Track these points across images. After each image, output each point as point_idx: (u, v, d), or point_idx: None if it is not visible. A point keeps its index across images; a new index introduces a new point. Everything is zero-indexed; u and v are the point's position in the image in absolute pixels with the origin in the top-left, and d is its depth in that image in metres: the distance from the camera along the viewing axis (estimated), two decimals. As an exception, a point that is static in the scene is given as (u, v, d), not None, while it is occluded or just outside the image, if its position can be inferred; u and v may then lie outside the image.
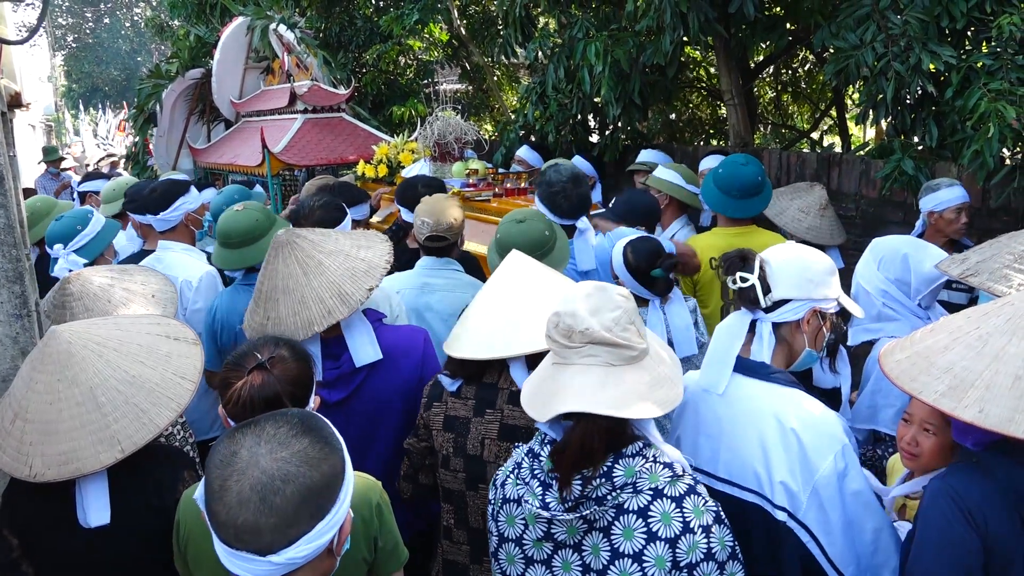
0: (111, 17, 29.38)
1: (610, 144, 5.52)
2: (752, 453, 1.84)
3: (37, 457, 1.81)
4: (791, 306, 1.92)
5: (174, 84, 8.06)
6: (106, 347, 1.94)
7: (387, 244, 2.40)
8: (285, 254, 2.28)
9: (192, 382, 1.97)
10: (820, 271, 1.95)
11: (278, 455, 1.26)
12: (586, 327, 1.61)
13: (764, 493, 1.81)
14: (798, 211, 3.99)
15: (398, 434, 2.33)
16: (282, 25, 7.04)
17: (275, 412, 1.38)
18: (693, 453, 1.96)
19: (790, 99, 7.56)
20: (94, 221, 3.63)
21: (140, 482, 1.91)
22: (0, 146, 2.28)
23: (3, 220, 2.29)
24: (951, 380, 1.57)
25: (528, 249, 2.71)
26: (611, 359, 1.61)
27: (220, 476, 1.25)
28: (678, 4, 4.26)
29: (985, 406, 1.50)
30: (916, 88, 3.67)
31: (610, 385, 1.59)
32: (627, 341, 1.61)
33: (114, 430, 1.82)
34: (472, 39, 8.41)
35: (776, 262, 1.96)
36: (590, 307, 1.63)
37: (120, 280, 2.69)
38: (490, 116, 9.67)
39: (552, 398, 1.62)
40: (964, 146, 3.49)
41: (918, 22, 3.63)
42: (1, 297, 2.32)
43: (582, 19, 5.15)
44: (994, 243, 2.37)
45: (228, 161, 6.83)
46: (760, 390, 1.88)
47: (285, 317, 2.18)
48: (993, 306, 1.66)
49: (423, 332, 2.42)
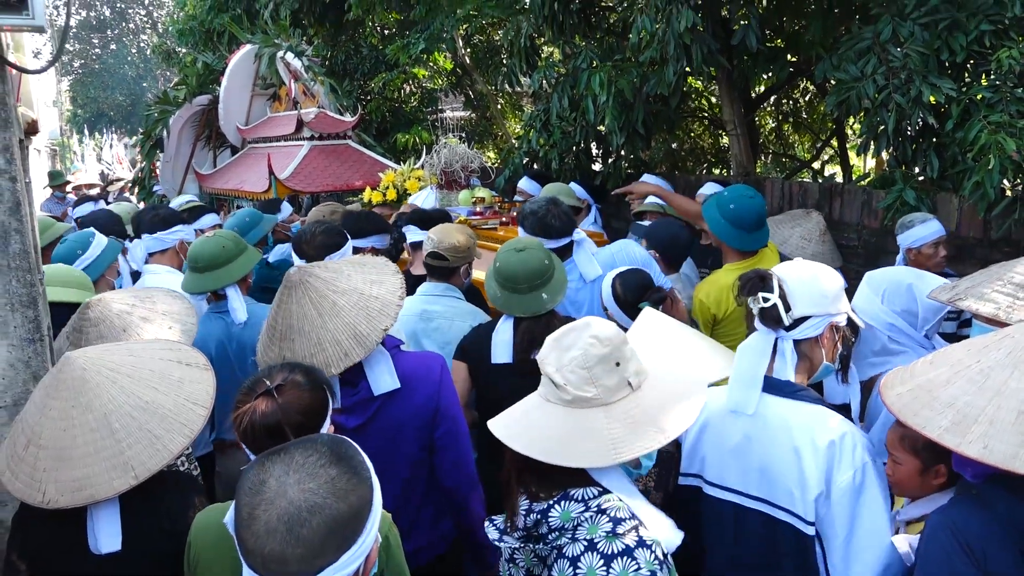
0: (118, 43, 29.67)
1: (613, 172, 5.58)
2: (786, 471, 1.87)
3: (51, 483, 1.81)
4: (811, 322, 1.97)
5: (181, 110, 8.14)
6: (120, 373, 1.96)
7: (398, 277, 2.40)
8: (299, 294, 2.27)
9: (204, 408, 1.98)
10: (834, 287, 2.00)
11: (306, 485, 1.27)
12: (543, 359, 1.67)
13: (796, 511, 1.85)
14: (800, 239, 4.04)
15: (413, 460, 2.35)
16: (289, 53, 7.12)
17: (305, 439, 1.38)
18: (720, 472, 2.00)
19: (791, 129, 7.64)
20: (95, 244, 3.72)
21: (151, 507, 1.91)
22: (18, 172, 2.31)
23: (19, 245, 2.32)
24: (954, 415, 1.58)
25: (528, 278, 2.75)
26: (549, 395, 1.66)
27: (249, 504, 1.26)
28: (681, 36, 4.32)
29: (989, 442, 1.51)
30: (917, 120, 3.72)
31: (537, 421, 1.64)
32: (564, 383, 1.62)
33: (128, 456, 1.83)
34: (476, 68, 8.51)
35: (793, 280, 2.00)
36: (563, 343, 1.66)
37: (140, 306, 2.68)
38: (493, 143, 9.76)
39: (512, 426, 1.68)
40: (965, 177, 3.52)
41: (918, 55, 3.68)
42: (15, 321, 2.35)
43: (586, 49, 5.22)
44: (985, 272, 2.41)
45: (234, 187, 6.88)
46: (789, 408, 1.92)
47: (302, 359, 2.17)
48: (993, 339, 1.68)
49: (439, 359, 2.43)
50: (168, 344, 2.22)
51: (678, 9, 4.30)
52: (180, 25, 10.33)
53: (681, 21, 4.27)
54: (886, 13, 3.87)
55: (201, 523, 1.83)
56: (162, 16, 29.84)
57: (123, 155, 22.94)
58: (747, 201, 3.41)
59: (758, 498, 1.93)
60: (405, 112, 8.82)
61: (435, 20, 7.01)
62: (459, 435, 2.39)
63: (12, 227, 2.31)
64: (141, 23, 30.54)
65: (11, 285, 2.32)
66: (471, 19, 7.17)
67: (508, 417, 1.72)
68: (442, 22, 6.93)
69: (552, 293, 2.79)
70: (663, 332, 2.39)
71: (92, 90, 28.48)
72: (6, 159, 2.28)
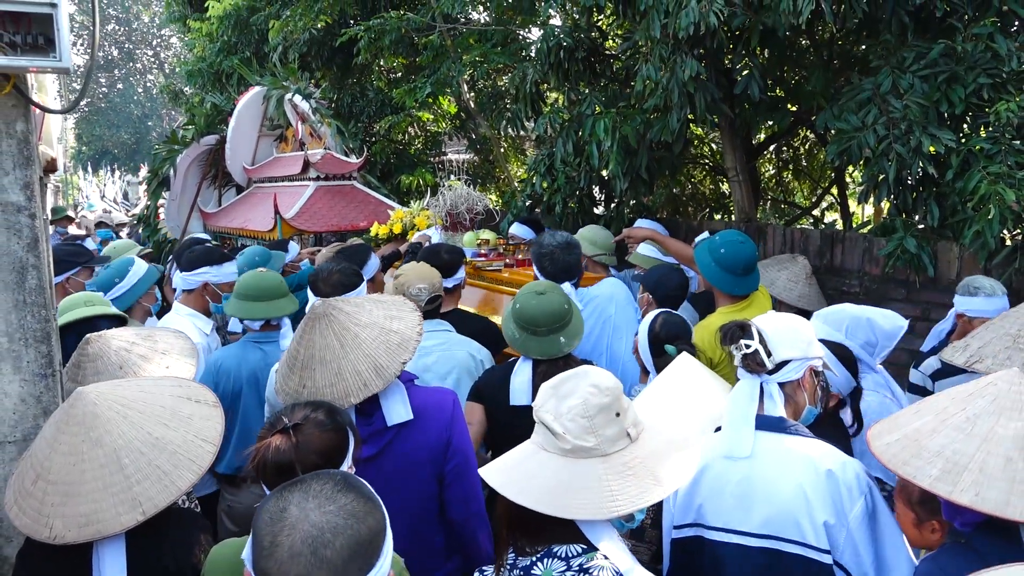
0: (124, 83, 30.08)
1: (616, 216, 5.64)
2: (793, 503, 1.91)
3: (58, 519, 1.81)
4: (792, 366, 2.05)
5: (189, 149, 8.25)
6: (131, 408, 1.97)
7: (416, 314, 2.46)
8: (323, 326, 2.33)
9: (213, 444, 1.98)
10: (808, 332, 2.12)
11: (326, 508, 1.29)
12: (539, 407, 1.67)
13: (807, 541, 1.89)
14: (788, 281, 4.15)
15: (424, 493, 2.38)
16: (297, 95, 7.25)
17: (318, 472, 1.40)
18: (720, 516, 2.01)
19: (791, 176, 7.73)
20: (132, 272, 3.81)
21: (156, 544, 1.91)
22: (37, 209, 2.35)
23: (35, 281, 2.35)
24: (944, 464, 1.59)
25: (547, 322, 2.80)
26: (545, 444, 1.66)
27: (271, 532, 1.26)
28: (685, 84, 4.41)
29: (981, 490, 1.52)
30: (917, 169, 3.78)
31: (529, 471, 1.63)
32: (563, 432, 1.62)
33: (136, 492, 1.83)
34: (480, 112, 8.64)
35: (770, 328, 2.09)
36: (560, 391, 1.67)
37: (139, 344, 2.71)
38: (495, 186, 9.86)
39: (506, 473, 1.67)
40: (965, 226, 3.57)
41: (918, 106, 3.76)
42: (28, 356, 2.37)
43: (591, 96, 5.32)
44: (988, 326, 2.49)
45: (239, 225, 6.94)
46: (787, 443, 1.98)
47: (322, 387, 2.23)
48: (977, 386, 1.69)
49: (452, 395, 2.47)
50: (178, 381, 2.24)
51: (682, 59, 4.40)
52: (189, 66, 10.49)
53: (685, 70, 4.36)
54: (886, 66, 3.96)
55: (215, 557, 1.84)
56: (169, 56, 30.29)
57: (119, 193, 23.15)
58: (738, 246, 3.47)
59: (764, 535, 1.95)
60: (409, 154, 8.93)
61: (441, 65, 7.14)
62: (469, 470, 2.40)
63: (30, 263, 2.34)
64: (148, 63, 30.98)
65: (26, 320, 2.35)
66: (477, 65, 7.32)
67: (502, 464, 1.72)
68: (448, 67, 7.06)
69: (569, 337, 2.86)
70: (693, 378, 2.44)
71: (98, 128, 28.79)
72: (27, 196, 2.32)
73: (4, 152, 2.27)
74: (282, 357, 2.44)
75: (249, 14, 8.93)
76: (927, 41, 3.90)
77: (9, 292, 2.32)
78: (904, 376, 3.47)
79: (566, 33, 5.44)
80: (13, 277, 2.32)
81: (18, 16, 2.19)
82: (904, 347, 3.83)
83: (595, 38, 5.75)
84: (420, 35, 7.34)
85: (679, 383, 2.47)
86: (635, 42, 5.21)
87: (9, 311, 2.32)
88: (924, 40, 3.93)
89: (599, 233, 4.64)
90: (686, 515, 2.09)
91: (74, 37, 22.37)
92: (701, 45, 4.45)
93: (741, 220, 5.29)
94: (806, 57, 5.26)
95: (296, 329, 2.44)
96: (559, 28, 5.60)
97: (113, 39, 29.66)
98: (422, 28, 7.21)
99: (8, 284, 2.32)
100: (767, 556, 1.91)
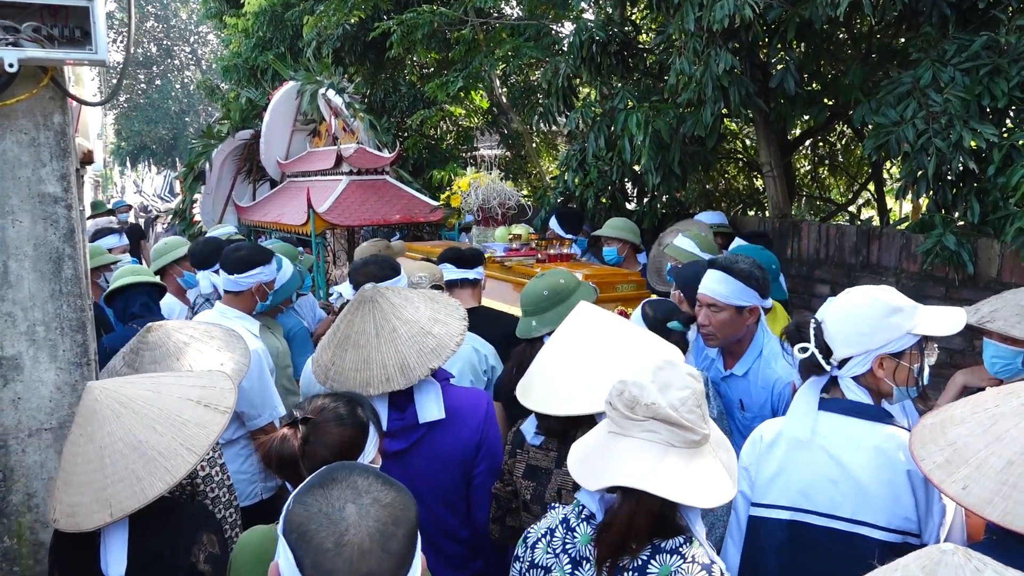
0: (163, 79, 30.48)
1: (648, 212, 5.60)
2: (862, 486, 1.91)
3: (58, 504, 1.90)
4: (855, 361, 1.99)
5: (224, 144, 8.32)
6: (127, 408, 1.97)
7: (463, 324, 2.41)
8: (365, 310, 2.34)
9: (195, 455, 1.95)
10: (872, 321, 1.97)
11: (383, 501, 1.29)
12: (652, 401, 1.58)
13: (875, 523, 1.89)
14: None
15: (452, 493, 2.37)
16: (331, 90, 7.28)
17: (348, 465, 1.39)
18: (795, 496, 2.01)
19: (827, 172, 7.61)
20: (281, 273, 3.84)
21: (160, 539, 1.94)
22: (73, 201, 2.39)
23: (71, 271, 2.39)
24: (950, 454, 1.60)
25: (527, 302, 2.75)
26: (672, 439, 1.58)
27: (333, 533, 1.23)
28: (719, 78, 4.36)
29: (969, 484, 1.53)
30: (957, 165, 3.70)
31: (668, 466, 1.55)
32: (691, 424, 1.58)
33: (109, 493, 1.86)
34: (512, 107, 8.63)
35: (831, 321, 2.02)
36: (660, 381, 1.61)
37: (198, 340, 2.69)
38: (527, 181, 9.85)
39: (605, 468, 1.59)
40: (1007, 223, 3.49)
41: (959, 100, 3.68)
42: (64, 345, 2.41)
43: (623, 90, 5.28)
44: (998, 297, 2.52)
45: (273, 219, 7.00)
46: (857, 428, 1.96)
47: (348, 370, 2.25)
48: (1020, 386, 1.67)
49: (486, 396, 2.47)
50: (199, 380, 2.19)
51: (716, 52, 4.34)
52: (225, 62, 10.61)
53: (719, 64, 4.31)
54: (926, 58, 3.88)
55: (243, 542, 1.85)
56: (206, 53, 30.64)
57: (165, 188, 23.45)
58: (757, 253, 3.48)
59: (826, 514, 1.95)
60: (441, 149, 8.94)
61: (474, 60, 7.14)
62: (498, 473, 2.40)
63: (66, 253, 2.38)
64: (185, 60, 31.38)
65: (62, 310, 2.39)
66: (509, 59, 7.29)
67: (630, 465, 1.58)
68: (480, 62, 7.06)
69: (543, 323, 2.70)
70: (601, 324, 2.31)
71: (136, 124, 29.19)
72: (63, 187, 2.36)
73: (42, 144, 2.31)
74: (328, 330, 2.46)
75: (284, 10, 8.99)
76: (969, 33, 3.81)
77: (46, 282, 2.36)
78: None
79: (599, 27, 5.41)
80: (50, 267, 2.36)
81: (56, 9, 2.22)
82: (944, 347, 3.76)
83: (628, 32, 5.70)
84: (452, 29, 7.35)
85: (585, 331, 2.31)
86: (668, 35, 5.17)
87: (46, 300, 2.36)
88: (966, 32, 3.84)
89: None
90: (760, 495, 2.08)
91: (113, 34, 22.77)
92: (736, 38, 4.39)
93: (776, 216, 5.22)
94: (844, 50, 5.16)
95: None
96: (592, 22, 5.57)
97: (152, 36, 30.04)
98: (455, 22, 7.21)
99: (45, 274, 2.36)
100: (835, 537, 1.91)
